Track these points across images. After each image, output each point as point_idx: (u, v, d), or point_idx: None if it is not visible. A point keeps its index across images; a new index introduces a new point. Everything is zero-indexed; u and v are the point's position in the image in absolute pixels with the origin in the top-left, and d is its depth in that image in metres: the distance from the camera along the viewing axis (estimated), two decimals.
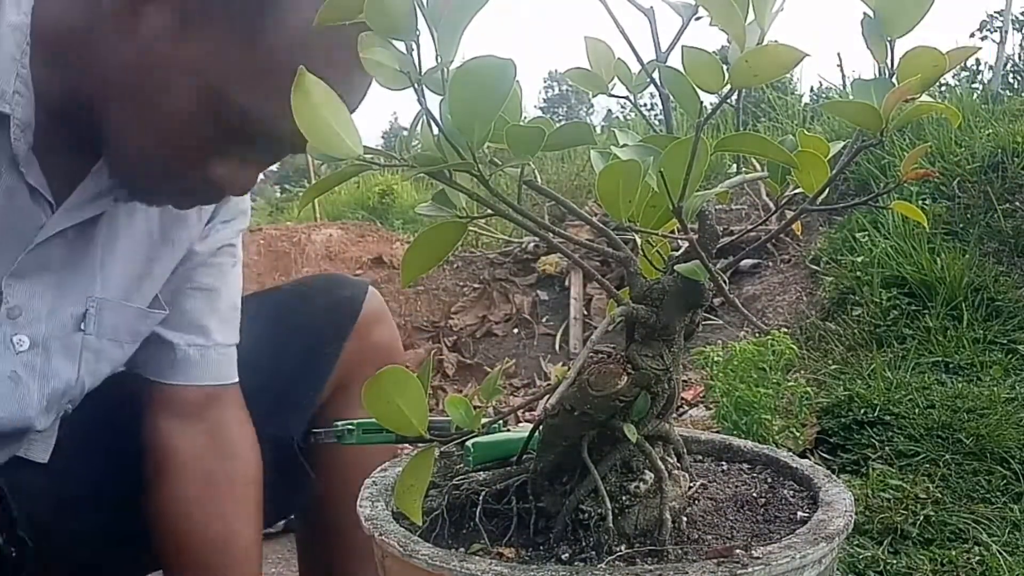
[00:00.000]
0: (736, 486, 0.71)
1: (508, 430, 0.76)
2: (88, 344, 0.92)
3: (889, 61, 0.55)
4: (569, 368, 0.54)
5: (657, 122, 0.69)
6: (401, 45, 0.54)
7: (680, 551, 0.59)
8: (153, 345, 1.01)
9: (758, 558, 0.53)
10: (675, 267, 0.61)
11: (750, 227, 2.80)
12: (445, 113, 0.53)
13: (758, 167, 0.67)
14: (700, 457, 0.79)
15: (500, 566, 0.54)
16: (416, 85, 0.54)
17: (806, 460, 0.74)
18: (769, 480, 0.73)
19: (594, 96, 0.66)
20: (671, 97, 0.59)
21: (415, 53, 0.54)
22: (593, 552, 0.58)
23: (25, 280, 0.84)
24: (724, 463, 0.77)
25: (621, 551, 0.58)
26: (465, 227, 0.60)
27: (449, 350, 3.65)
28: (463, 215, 0.60)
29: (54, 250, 0.85)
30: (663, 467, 0.62)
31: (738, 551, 0.54)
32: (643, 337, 0.63)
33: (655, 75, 0.61)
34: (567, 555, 0.58)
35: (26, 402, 0.88)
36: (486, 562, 0.54)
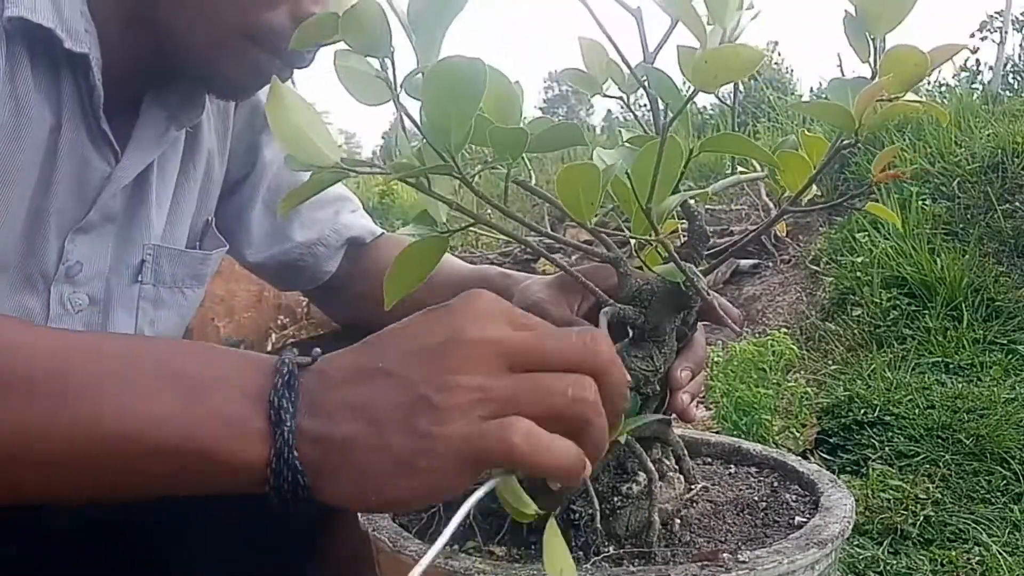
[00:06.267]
0: (739, 489, 0.71)
1: None
2: (145, 293, 0.90)
3: (872, 60, 0.54)
4: None
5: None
6: (376, 62, 0.54)
7: (668, 553, 0.59)
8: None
9: (744, 562, 0.53)
10: (653, 268, 0.61)
11: (751, 227, 2.80)
12: (423, 117, 0.53)
13: (757, 167, 0.67)
14: (709, 459, 0.78)
15: (483, 563, 0.54)
16: (394, 94, 0.54)
17: (813, 464, 0.73)
18: (774, 484, 0.72)
19: (592, 96, 0.66)
20: (659, 98, 0.59)
21: (390, 70, 0.54)
22: (581, 552, 0.58)
23: (90, 234, 0.81)
24: (732, 466, 0.77)
25: (609, 552, 0.58)
26: (447, 242, 0.60)
27: None
28: (443, 230, 0.60)
29: (118, 199, 0.82)
30: (653, 469, 0.62)
31: (725, 555, 0.54)
32: (633, 338, 0.63)
33: (643, 76, 0.61)
34: None
35: None
36: (470, 560, 0.54)
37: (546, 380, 0.47)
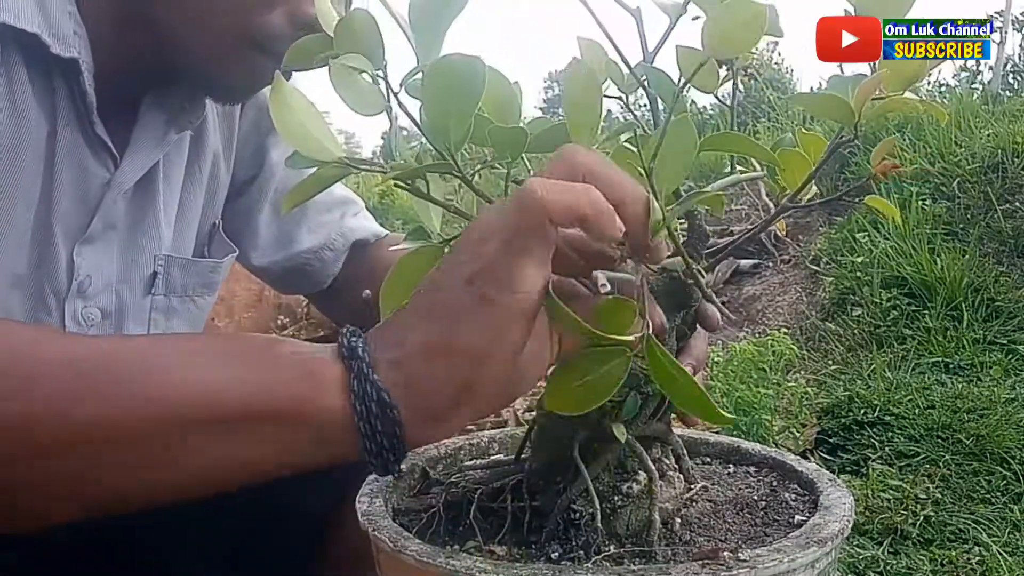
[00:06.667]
0: (739, 489, 0.71)
1: None
2: (157, 304, 0.89)
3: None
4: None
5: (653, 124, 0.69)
6: (374, 70, 0.55)
7: (669, 552, 0.59)
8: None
9: (744, 561, 0.53)
10: (662, 260, 0.61)
11: (751, 227, 2.81)
12: (423, 116, 0.54)
13: (757, 167, 0.67)
14: (708, 459, 0.78)
15: (484, 563, 0.53)
16: (388, 104, 0.54)
17: (812, 464, 0.73)
18: (774, 483, 0.72)
19: None
20: (659, 98, 0.60)
21: (383, 82, 0.54)
22: (582, 552, 0.58)
23: (95, 244, 0.80)
24: (732, 465, 0.76)
25: (610, 551, 0.58)
26: (441, 251, 0.60)
27: None
28: (439, 240, 0.60)
29: (120, 206, 0.81)
30: (654, 468, 0.62)
31: (726, 553, 0.54)
32: None
33: (642, 76, 0.61)
34: (557, 554, 0.58)
35: None
36: (471, 559, 0.54)
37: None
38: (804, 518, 0.63)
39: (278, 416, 0.48)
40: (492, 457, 0.76)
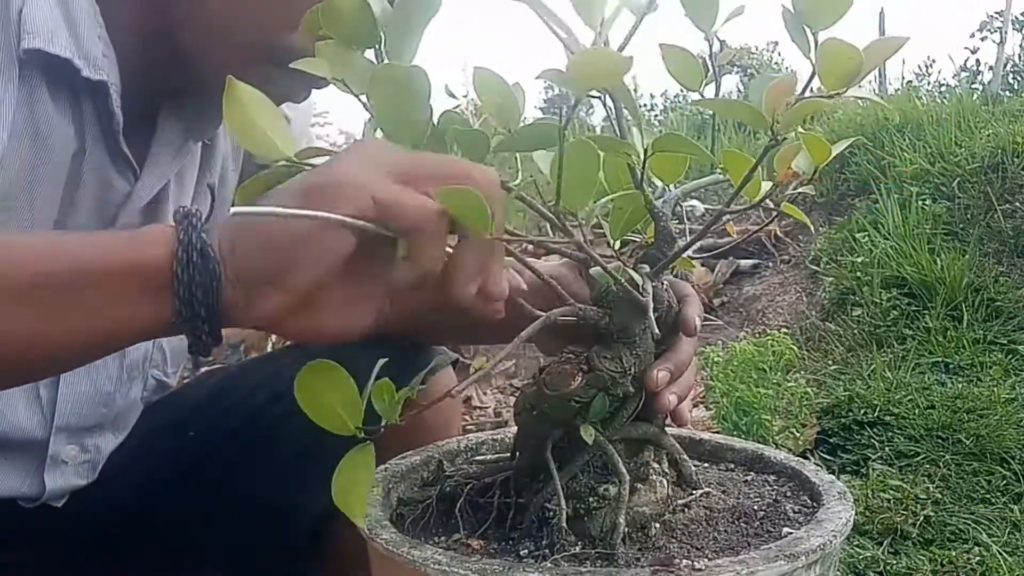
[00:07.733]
0: (745, 497, 0.70)
1: None
2: None
3: (813, 56, 0.53)
4: (488, 360, 0.54)
5: (656, 123, 0.69)
6: (369, 53, 0.55)
7: (633, 557, 0.58)
8: None
9: (700, 570, 0.52)
10: (590, 271, 0.62)
11: (752, 227, 2.80)
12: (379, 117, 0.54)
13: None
14: (732, 465, 0.78)
15: (441, 555, 0.54)
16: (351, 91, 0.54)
17: (829, 476, 0.71)
18: (786, 493, 0.71)
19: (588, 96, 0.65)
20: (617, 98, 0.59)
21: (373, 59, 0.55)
22: (548, 550, 0.58)
23: None
24: (752, 473, 0.76)
25: (576, 551, 0.58)
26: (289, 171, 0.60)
27: (449, 350, 3.63)
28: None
29: (136, 219, 0.82)
30: (624, 471, 0.61)
31: (685, 561, 0.53)
32: (600, 339, 0.63)
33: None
34: (527, 551, 0.58)
35: (102, 376, 0.86)
36: (431, 551, 0.55)
37: None
38: (791, 531, 0.62)
39: (107, 270, 0.52)
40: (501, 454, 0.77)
